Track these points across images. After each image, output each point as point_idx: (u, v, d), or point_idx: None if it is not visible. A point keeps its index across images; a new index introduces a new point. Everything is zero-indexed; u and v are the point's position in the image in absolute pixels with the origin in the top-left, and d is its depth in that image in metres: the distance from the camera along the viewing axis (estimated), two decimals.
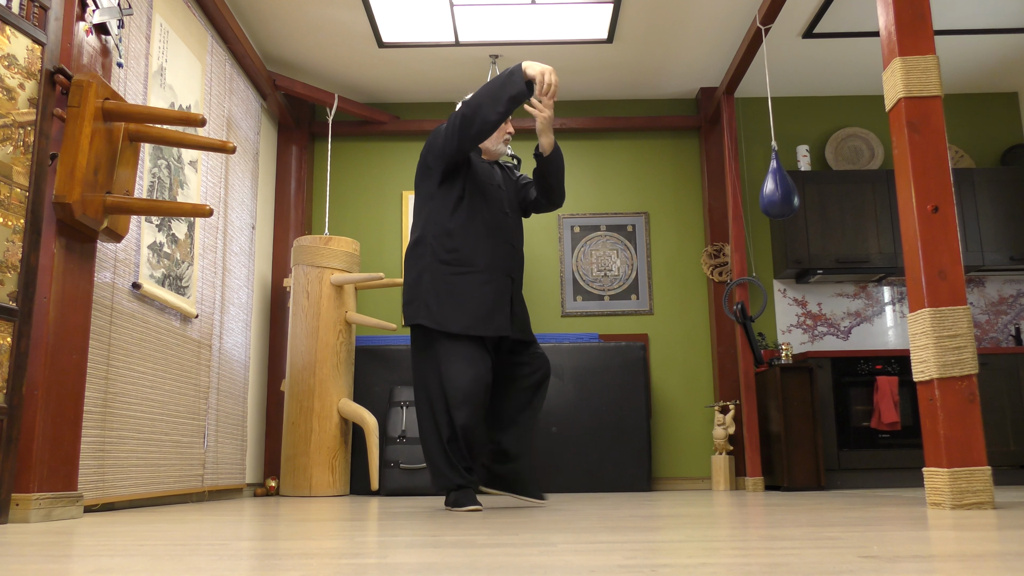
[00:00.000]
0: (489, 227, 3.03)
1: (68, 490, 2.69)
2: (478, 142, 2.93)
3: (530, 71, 2.80)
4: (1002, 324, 5.46)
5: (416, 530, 2.03)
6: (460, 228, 2.98)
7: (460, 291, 2.93)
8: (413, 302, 2.98)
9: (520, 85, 2.79)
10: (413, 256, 3.03)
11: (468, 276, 2.95)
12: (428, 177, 3.06)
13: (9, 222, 2.50)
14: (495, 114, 2.82)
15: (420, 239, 3.02)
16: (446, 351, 2.91)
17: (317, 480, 4.51)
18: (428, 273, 2.96)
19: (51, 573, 1.24)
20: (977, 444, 2.57)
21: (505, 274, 3.03)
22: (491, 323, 2.94)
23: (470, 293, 2.93)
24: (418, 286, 2.97)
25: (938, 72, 2.80)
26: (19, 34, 2.58)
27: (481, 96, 2.85)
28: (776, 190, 4.25)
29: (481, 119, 2.84)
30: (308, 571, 1.22)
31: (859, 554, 1.34)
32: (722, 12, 4.69)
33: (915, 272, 2.74)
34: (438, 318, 2.90)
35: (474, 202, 3.02)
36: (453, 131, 2.91)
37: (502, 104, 2.81)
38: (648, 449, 4.78)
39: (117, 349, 3.17)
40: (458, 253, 2.96)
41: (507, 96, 2.80)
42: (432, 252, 2.97)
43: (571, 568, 1.21)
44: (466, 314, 2.90)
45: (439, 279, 2.94)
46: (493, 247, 3.02)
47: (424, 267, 2.97)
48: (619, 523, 2.17)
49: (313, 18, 4.69)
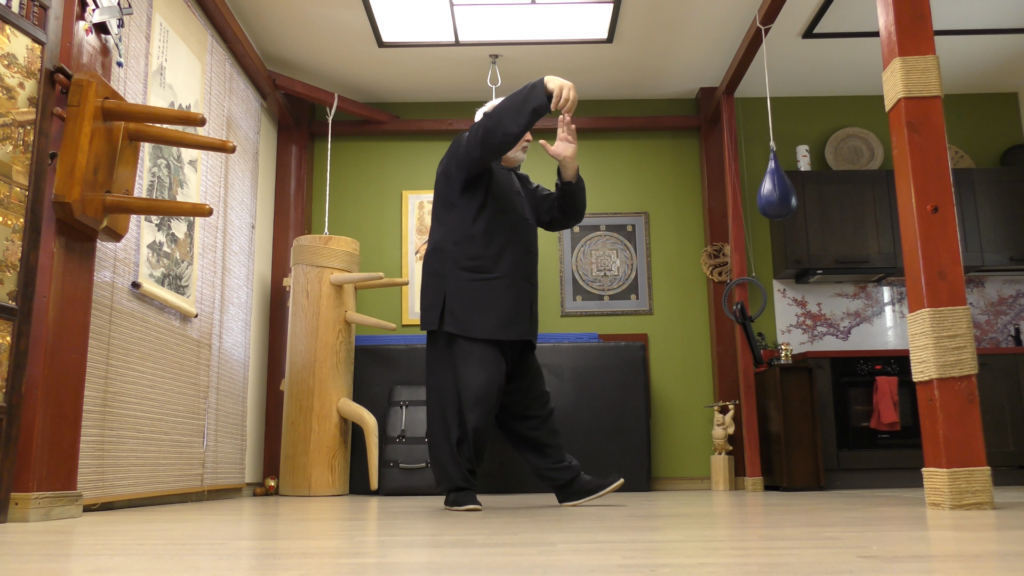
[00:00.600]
0: (510, 233, 3.09)
1: (67, 489, 2.69)
2: (501, 153, 2.98)
3: (550, 84, 2.87)
4: (1002, 324, 5.47)
5: (416, 530, 2.03)
6: (483, 235, 3.03)
7: (485, 297, 2.98)
8: (434, 308, 3.01)
9: (542, 98, 2.86)
10: (434, 262, 3.06)
11: (492, 282, 3.00)
12: (450, 185, 3.10)
13: (9, 221, 2.50)
14: (517, 126, 2.88)
15: (440, 246, 3.07)
16: (465, 354, 2.96)
17: (316, 480, 4.51)
18: (451, 280, 3.01)
19: (50, 572, 1.24)
20: (976, 444, 2.57)
21: (526, 279, 3.09)
22: (514, 327, 3.00)
23: (494, 299, 2.98)
24: (440, 293, 3.01)
25: (938, 72, 2.80)
26: (19, 33, 2.58)
27: (503, 109, 2.91)
28: (774, 190, 4.25)
29: (503, 131, 2.90)
30: (307, 570, 1.22)
31: (858, 554, 1.34)
32: (722, 12, 4.69)
33: (915, 272, 2.74)
34: (465, 324, 2.95)
35: (496, 209, 3.08)
36: (476, 142, 2.96)
37: (524, 116, 2.88)
38: (647, 449, 4.78)
39: (116, 348, 3.17)
40: (481, 260, 3.01)
41: (529, 108, 2.87)
42: (453, 259, 3.02)
43: (571, 568, 1.21)
44: (491, 319, 2.96)
45: (463, 286, 2.99)
46: (514, 252, 3.08)
47: (446, 274, 3.02)
48: (618, 523, 2.17)
49: (313, 17, 4.69)
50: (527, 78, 5.45)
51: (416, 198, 5.65)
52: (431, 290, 3.04)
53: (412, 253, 5.57)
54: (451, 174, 3.08)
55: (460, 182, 3.05)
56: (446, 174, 3.10)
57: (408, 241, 5.59)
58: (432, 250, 3.09)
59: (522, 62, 5.24)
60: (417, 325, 5.49)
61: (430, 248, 3.11)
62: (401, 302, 5.52)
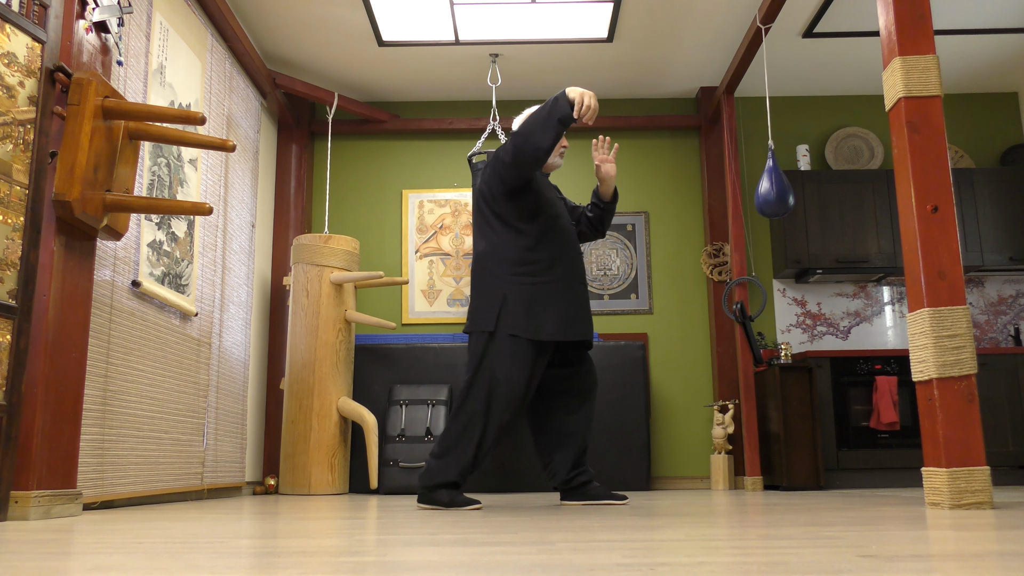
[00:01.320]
0: (563, 237, 3.17)
1: (67, 488, 2.69)
2: (537, 167, 3.03)
3: (571, 94, 2.93)
4: (1001, 324, 5.47)
5: (416, 528, 2.04)
6: (536, 240, 3.10)
7: (546, 299, 3.04)
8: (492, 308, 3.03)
9: (566, 108, 2.92)
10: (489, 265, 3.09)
11: (551, 285, 3.07)
12: (494, 200, 3.14)
13: (9, 220, 2.50)
14: (547, 140, 2.94)
15: (490, 251, 3.10)
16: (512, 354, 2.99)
17: (316, 478, 4.51)
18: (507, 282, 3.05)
19: (50, 571, 1.24)
20: (976, 444, 2.57)
21: (580, 280, 3.17)
22: (575, 328, 3.07)
23: (555, 301, 3.05)
24: (498, 294, 3.04)
25: (938, 72, 2.80)
26: (19, 32, 2.58)
27: (530, 124, 2.97)
28: (771, 189, 4.25)
29: (534, 146, 2.95)
30: (307, 569, 1.22)
31: (858, 553, 1.34)
32: (722, 11, 4.69)
33: (914, 272, 2.74)
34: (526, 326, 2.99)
35: (547, 215, 3.15)
36: (511, 161, 3.02)
37: (552, 129, 2.94)
38: (647, 448, 4.78)
39: (116, 347, 3.17)
40: (538, 264, 3.07)
41: (555, 120, 2.93)
42: (509, 263, 3.06)
43: (571, 567, 1.21)
44: (552, 321, 3.02)
45: (521, 289, 3.03)
46: (568, 254, 3.15)
47: (502, 275, 3.06)
48: (618, 521, 2.17)
49: (313, 16, 4.69)
50: (527, 77, 5.46)
51: (416, 197, 5.65)
52: (488, 292, 3.07)
53: (412, 252, 5.57)
54: (493, 189, 3.14)
55: (503, 195, 3.11)
56: (486, 192, 3.18)
57: (408, 240, 5.59)
58: (482, 255, 3.12)
59: (522, 61, 5.24)
60: (417, 324, 5.49)
61: (479, 254, 3.14)
62: (401, 301, 5.52)
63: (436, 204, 5.64)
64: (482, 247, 3.14)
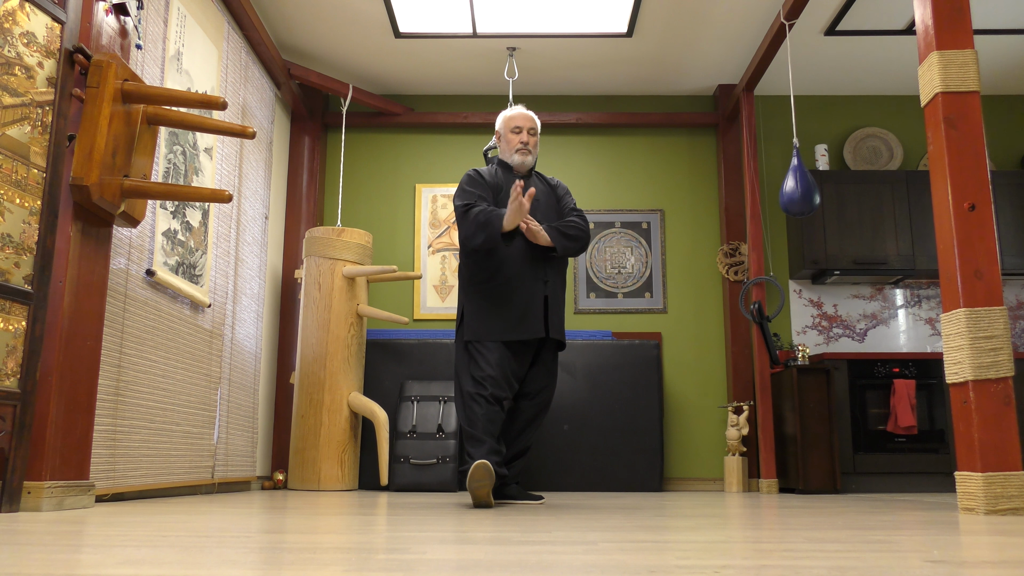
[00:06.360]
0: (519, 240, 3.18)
1: (80, 479, 2.63)
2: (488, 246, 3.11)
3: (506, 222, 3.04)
4: (1020, 329, 5.40)
5: (443, 526, 1.97)
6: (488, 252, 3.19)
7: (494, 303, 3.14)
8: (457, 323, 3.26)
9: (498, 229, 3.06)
10: (460, 283, 3.30)
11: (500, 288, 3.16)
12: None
13: (26, 203, 2.44)
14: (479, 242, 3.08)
15: (460, 270, 3.30)
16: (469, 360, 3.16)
17: (326, 474, 4.45)
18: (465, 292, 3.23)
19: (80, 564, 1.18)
20: (1012, 448, 2.51)
21: (537, 279, 3.19)
22: (524, 327, 3.13)
23: (503, 302, 3.14)
24: (459, 309, 3.25)
25: (976, 67, 2.73)
26: (39, 11, 2.52)
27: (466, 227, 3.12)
28: (797, 188, 4.19)
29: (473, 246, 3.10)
30: (349, 566, 1.16)
31: (922, 559, 1.28)
32: (744, 7, 4.62)
33: (950, 271, 2.67)
34: (477, 332, 3.13)
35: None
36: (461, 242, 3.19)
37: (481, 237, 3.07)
38: (660, 449, 4.71)
39: (130, 336, 3.11)
40: (486, 272, 3.17)
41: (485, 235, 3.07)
42: (467, 279, 3.22)
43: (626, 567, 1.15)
44: (499, 323, 3.12)
45: (475, 295, 3.18)
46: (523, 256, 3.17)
47: (463, 286, 3.25)
48: (646, 522, 2.11)
49: (330, 6, 4.63)
50: (545, 72, 5.39)
51: (429, 191, 5.58)
52: (458, 307, 3.31)
53: (425, 247, 5.51)
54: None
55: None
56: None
57: (421, 235, 5.52)
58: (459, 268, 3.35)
59: (540, 55, 5.17)
60: (429, 319, 5.43)
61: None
62: (414, 296, 5.46)
63: (449, 199, 5.57)
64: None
